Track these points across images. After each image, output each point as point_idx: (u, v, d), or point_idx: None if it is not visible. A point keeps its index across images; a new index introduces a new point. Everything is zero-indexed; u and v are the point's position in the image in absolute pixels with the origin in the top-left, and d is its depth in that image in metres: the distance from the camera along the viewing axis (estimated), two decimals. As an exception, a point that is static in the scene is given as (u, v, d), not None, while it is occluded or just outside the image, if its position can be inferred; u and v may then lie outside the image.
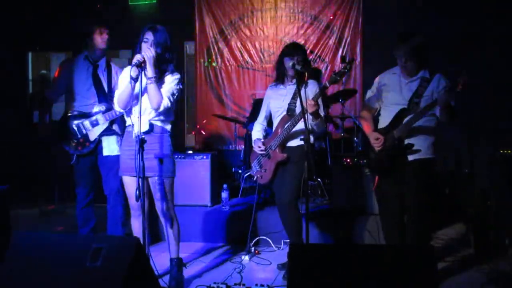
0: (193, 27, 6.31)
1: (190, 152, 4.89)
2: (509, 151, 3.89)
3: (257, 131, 3.51)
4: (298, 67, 3.03)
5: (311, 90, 3.14)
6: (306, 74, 3.04)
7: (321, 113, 3.15)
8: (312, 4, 6.06)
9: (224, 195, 4.49)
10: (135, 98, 2.89)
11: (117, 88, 3.15)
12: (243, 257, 3.71)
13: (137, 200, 2.66)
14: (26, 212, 5.12)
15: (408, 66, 2.96)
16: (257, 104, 4.72)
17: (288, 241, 3.57)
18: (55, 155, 4.98)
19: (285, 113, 3.31)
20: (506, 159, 3.89)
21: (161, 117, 2.96)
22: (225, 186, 4.53)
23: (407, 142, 2.95)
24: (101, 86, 3.63)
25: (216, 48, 6.30)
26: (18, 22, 6.26)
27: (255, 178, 3.51)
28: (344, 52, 5.96)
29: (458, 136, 4.77)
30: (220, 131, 6.34)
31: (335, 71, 3.01)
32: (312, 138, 3.27)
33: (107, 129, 3.57)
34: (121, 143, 3.29)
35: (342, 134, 5.16)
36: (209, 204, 4.60)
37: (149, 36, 2.88)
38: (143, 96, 2.80)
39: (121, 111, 3.06)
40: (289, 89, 3.34)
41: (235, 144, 6.05)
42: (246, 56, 6.25)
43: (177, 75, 2.99)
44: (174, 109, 3.06)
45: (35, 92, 6.63)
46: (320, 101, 3.13)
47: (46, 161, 5.78)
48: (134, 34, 2.99)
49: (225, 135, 6.30)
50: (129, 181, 3.00)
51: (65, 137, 3.56)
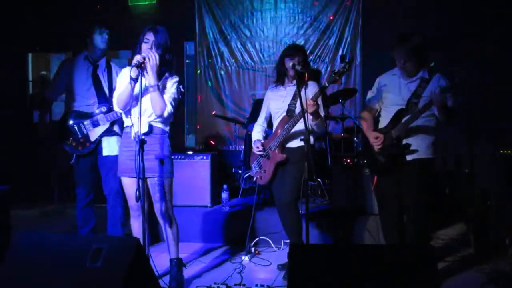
0: (193, 27, 6.31)
1: (190, 152, 4.90)
2: (509, 151, 3.89)
3: (257, 132, 3.51)
4: (298, 67, 3.03)
5: (311, 91, 3.14)
6: (306, 74, 3.04)
7: (321, 113, 3.15)
8: (312, 4, 6.06)
9: (224, 195, 4.49)
10: (134, 99, 2.89)
11: (115, 88, 3.15)
12: (243, 257, 3.71)
13: (137, 201, 2.66)
14: (26, 212, 5.13)
15: (407, 67, 2.96)
16: (257, 105, 4.73)
17: (288, 241, 3.57)
18: (55, 155, 5.00)
19: (285, 114, 3.31)
20: (506, 159, 3.89)
21: (160, 118, 2.97)
22: (225, 186, 4.53)
23: (405, 142, 2.95)
24: (101, 86, 3.63)
25: (216, 48, 6.30)
26: (18, 23, 6.27)
27: (254, 179, 3.51)
28: (344, 52, 5.96)
29: (458, 136, 4.77)
30: (220, 132, 6.34)
31: (334, 70, 3.00)
32: (312, 139, 3.27)
33: (108, 129, 3.57)
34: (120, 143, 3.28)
35: (342, 134, 5.16)
36: (209, 205, 4.60)
37: (150, 37, 2.88)
38: (143, 97, 2.79)
39: (120, 111, 3.06)
40: (289, 90, 3.34)
41: (235, 145, 6.05)
42: (246, 57, 6.25)
43: (176, 78, 3.01)
44: (174, 111, 3.06)
45: (35, 92, 6.63)
46: (320, 100, 3.14)
47: (46, 161, 5.79)
48: (134, 35, 2.99)
49: (225, 136, 6.30)
50: (128, 182, 3.00)
51: (65, 136, 3.56)
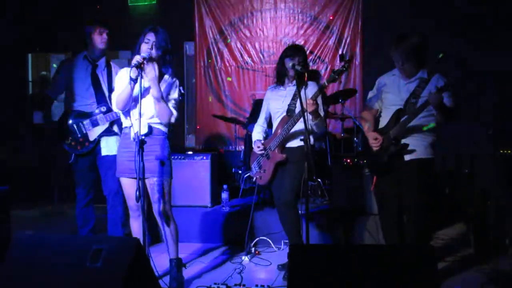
0: (192, 27, 6.31)
1: (190, 152, 4.90)
2: (509, 151, 3.89)
3: (257, 133, 3.51)
4: (298, 67, 3.03)
5: (311, 91, 3.14)
6: (306, 75, 3.04)
7: (321, 112, 3.15)
8: (311, 4, 6.06)
9: (224, 195, 4.49)
10: (134, 99, 2.89)
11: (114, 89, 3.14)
12: (243, 257, 3.71)
13: (137, 201, 2.66)
14: (26, 213, 5.13)
15: (406, 68, 2.95)
16: (257, 105, 4.73)
17: (288, 241, 3.57)
18: (55, 155, 5.00)
19: (284, 114, 3.31)
20: (506, 159, 3.89)
21: (160, 120, 2.97)
22: (225, 186, 4.53)
23: (403, 142, 2.95)
24: (100, 86, 3.63)
25: (216, 48, 6.30)
26: (18, 23, 6.27)
27: (254, 179, 3.51)
28: (344, 52, 5.95)
29: (458, 135, 4.77)
30: (220, 132, 6.34)
31: (334, 69, 3.00)
32: (312, 139, 3.27)
33: (107, 129, 3.57)
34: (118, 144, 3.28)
35: (343, 135, 5.16)
36: (209, 205, 4.60)
37: (150, 37, 2.88)
38: (143, 98, 2.78)
39: (119, 112, 3.06)
40: (288, 90, 3.34)
41: (235, 145, 6.05)
42: (246, 57, 6.25)
43: (176, 81, 3.02)
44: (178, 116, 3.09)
45: (35, 92, 6.64)
46: (320, 100, 3.14)
47: (46, 161, 5.79)
48: (134, 35, 2.99)
49: (225, 136, 6.30)
50: (127, 183, 3.00)
51: (65, 136, 3.56)
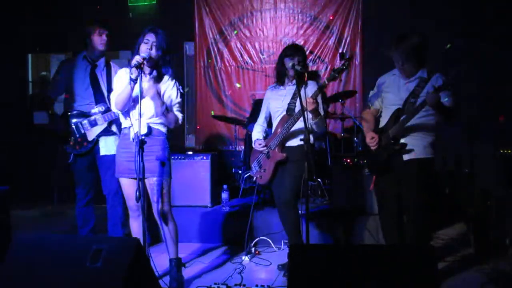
0: (192, 27, 6.31)
1: (190, 152, 4.89)
2: (509, 151, 3.89)
3: (257, 132, 3.51)
4: (298, 67, 3.03)
5: (310, 90, 3.14)
6: (306, 74, 3.04)
7: (321, 111, 3.15)
8: (311, 4, 6.05)
9: (224, 195, 4.49)
10: (133, 100, 2.89)
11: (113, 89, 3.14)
12: (243, 257, 3.71)
13: (137, 201, 2.66)
14: (26, 213, 5.13)
15: (406, 68, 2.95)
16: (257, 105, 4.72)
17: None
18: (55, 155, 5.00)
19: (284, 113, 3.31)
20: (506, 159, 3.89)
21: (160, 120, 2.97)
22: (225, 186, 4.53)
23: (401, 142, 2.95)
24: (98, 86, 3.63)
25: (216, 48, 6.30)
26: (18, 23, 6.27)
27: (254, 178, 3.51)
28: (344, 52, 5.95)
29: (458, 136, 4.77)
30: (220, 132, 6.34)
31: (334, 68, 3.00)
32: (312, 138, 3.27)
33: (106, 129, 3.57)
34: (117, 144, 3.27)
35: (343, 134, 5.16)
36: (209, 205, 4.60)
37: (150, 38, 2.88)
38: (142, 98, 2.77)
39: (118, 112, 3.05)
40: (288, 89, 3.34)
41: (235, 145, 6.05)
42: (246, 57, 6.24)
43: (176, 83, 3.04)
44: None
45: (35, 93, 6.64)
46: (320, 99, 3.14)
47: (46, 161, 5.79)
48: (134, 35, 2.99)
49: (225, 136, 6.29)
50: (126, 183, 3.00)
51: (64, 136, 3.56)
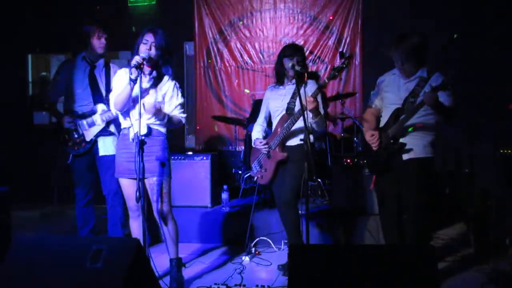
0: (192, 27, 6.30)
1: (190, 153, 4.89)
2: (509, 151, 3.89)
3: (257, 132, 3.51)
4: (298, 67, 3.03)
5: (310, 90, 3.13)
6: (306, 74, 3.04)
7: (321, 110, 3.15)
8: (311, 4, 6.05)
9: (224, 196, 4.49)
10: (133, 100, 2.88)
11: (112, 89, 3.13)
12: (243, 257, 3.71)
13: (137, 202, 2.66)
14: (26, 213, 5.13)
15: (406, 68, 2.95)
16: (257, 105, 4.72)
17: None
18: (55, 155, 4.99)
19: (284, 112, 3.31)
20: (506, 159, 3.88)
21: (159, 121, 2.97)
22: (225, 187, 4.53)
23: (401, 141, 2.94)
24: (97, 87, 3.63)
25: (215, 48, 6.30)
26: (18, 23, 6.27)
27: (255, 178, 3.51)
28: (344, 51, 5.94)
29: (458, 135, 4.77)
30: (220, 132, 6.34)
31: (334, 66, 3.00)
32: (312, 138, 3.27)
33: (104, 129, 3.57)
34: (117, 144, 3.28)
35: (342, 134, 5.16)
36: (209, 205, 4.60)
37: (149, 38, 2.88)
38: (142, 99, 2.77)
39: (118, 113, 3.04)
40: (288, 89, 3.34)
41: (235, 145, 6.04)
42: (246, 57, 6.24)
43: (176, 84, 3.04)
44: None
45: (35, 93, 6.64)
46: (320, 98, 3.14)
47: (46, 161, 5.79)
48: (134, 35, 2.99)
49: (225, 136, 6.29)
50: (126, 183, 3.00)
51: (64, 137, 3.58)
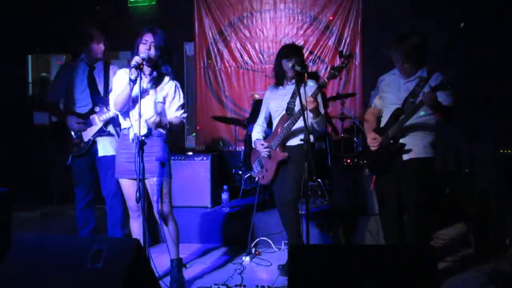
0: (192, 28, 6.30)
1: (190, 153, 4.89)
2: (509, 151, 3.89)
3: (257, 132, 3.51)
4: (298, 68, 3.03)
5: (310, 90, 3.14)
6: (306, 74, 3.04)
7: (321, 110, 3.15)
8: (311, 4, 6.05)
9: (225, 196, 4.49)
10: (133, 100, 2.88)
11: (111, 90, 3.13)
12: (243, 258, 3.71)
13: (137, 202, 2.66)
14: (26, 214, 5.12)
15: (406, 68, 2.95)
16: (257, 105, 4.72)
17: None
18: (55, 155, 5.00)
19: (284, 112, 3.31)
20: (506, 159, 3.88)
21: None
22: (225, 187, 4.53)
23: (400, 142, 2.94)
24: (95, 88, 3.63)
25: (215, 49, 6.30)
26: (18, 24, 6.27)
27: (256, 178, 3.51)
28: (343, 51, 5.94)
29: (458, 135, 4.77)
30: (220, 132, 6.33)
31: (333, 66, 3.00)
32: (312, 138, 3.27)
33: (101, 129, 3.57)
34: (117, 145, 3.28)
35: (342, 135, 5.16)
36: (209, 206, 4.60)
37: (148, 38, 2.88)
38: (142, 99, 2.77)
39: (117, 113, 3.05)
40: (288, 89, 3.34)
41: (235, 146, 6.04)
42: (246, 57, 6.24)
43: (177, 84, 3.05)
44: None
45: (35, 93, 6.64)
46: (320, 98, 3.14)
47: (46, 161, 5.79)
48: (134, 35, 2.99)
49: (225, 136, 6.29)
50: (126, 184, 3.00)
51: (63, 138, 3.59)
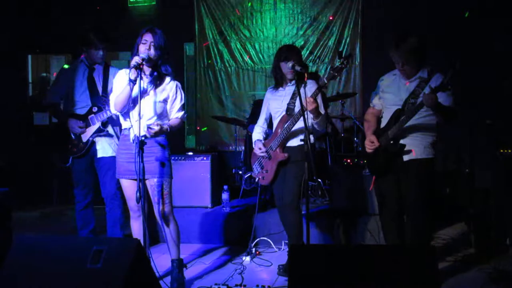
0: (192, 28, 6.31)
1: (190, 153, 4.89)
2: (509, 151, 3.89)
3: (257, 133, 3.50)
4: (298, 68, 3.03)
5: (310, 90, 3.13)
6: (306, 74, 3.04)
7: (321, 110, 3.15)
8: (311, 5, 6.05)
9: (225, 196, 4.49)
10: (133, 101, 2.89)
11: (111, 90, 3.13)
12: (244, 258, 3.71)
13: (137, 202, 2.66)
14: (26, 214, 5.13)
15: (406, 69, 2.94)
16: (257, 105, 4.73)
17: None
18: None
19: (284, 113, 3.31)
20: (506, 158, 3.89)
21: (159, 121, 2.97)
22: (225, 187, 4.53)
23: (401, 143, 2.94)
24: (95, 89, 3.63)
25: (215, 49, 6.30)
26: (18, 24, 6.27)
27: (256, 179, 3.50)
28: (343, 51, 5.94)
29: (458, 135, 4.77)
30: (220, 133, 6.34)
31: (332, 66, 3.00)
32: (312, 138, 3.27)
33: (99, 130, 3.57)
34: (117, 145, 3.28)
35: (342, 135, 5.16)
36: (209, 206, 4.60)
37: (147, 38, 2.88)
38: (142, 99, 2.78)
39: (117, 113, 3.04)
40: (288, 90, 3.34)
41: (235, 146, 6.04)
42: (246, 57, 6.24)
43: (179, 85, 3.06)
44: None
45: (35, 94, 6.65)
46: (320, 98, 3.14)
47: (46, 162, 5.79)
48: (134, 36, 2.99)
49: (225, 137, 6.29)
50: (127, 184, 3.00)
51: (63, 140, 3.59)
